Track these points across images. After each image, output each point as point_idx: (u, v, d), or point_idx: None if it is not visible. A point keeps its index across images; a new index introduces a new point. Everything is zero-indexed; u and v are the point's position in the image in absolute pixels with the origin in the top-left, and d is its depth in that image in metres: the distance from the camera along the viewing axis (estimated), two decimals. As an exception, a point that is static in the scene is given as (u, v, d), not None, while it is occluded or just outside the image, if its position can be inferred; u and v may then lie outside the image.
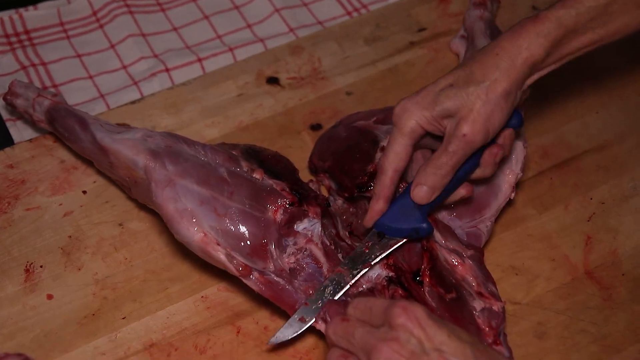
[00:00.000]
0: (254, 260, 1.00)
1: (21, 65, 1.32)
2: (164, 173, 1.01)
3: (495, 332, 0.99)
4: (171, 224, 1.00)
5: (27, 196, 1.17)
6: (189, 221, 0.99)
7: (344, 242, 1.08)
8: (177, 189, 1.00)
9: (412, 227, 1.01)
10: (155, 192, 1.01)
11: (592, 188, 1.21)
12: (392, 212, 1.02)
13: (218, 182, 1.02)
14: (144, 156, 1.02)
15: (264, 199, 1.03)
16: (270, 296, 1.01)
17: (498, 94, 0.96)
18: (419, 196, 0.99)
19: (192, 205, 1.00)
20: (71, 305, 1.08)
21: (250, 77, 1.32)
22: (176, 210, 0.99)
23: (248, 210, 1.01)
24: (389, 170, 1.00)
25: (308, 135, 1.26)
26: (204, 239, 0.99)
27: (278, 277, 1.01)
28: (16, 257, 1.11)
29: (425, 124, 0.99)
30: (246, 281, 1.00)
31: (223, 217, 1.00)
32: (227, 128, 1.26)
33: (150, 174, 1.02)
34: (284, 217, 1.02)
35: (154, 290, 1.09)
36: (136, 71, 1.34)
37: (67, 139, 1.15)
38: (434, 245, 1.04)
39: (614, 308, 1.09)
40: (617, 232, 1.16)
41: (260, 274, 1.00)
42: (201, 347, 1.05)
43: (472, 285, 1.02)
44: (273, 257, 1.01)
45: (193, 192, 1.00)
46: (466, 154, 0.98)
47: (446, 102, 0.97)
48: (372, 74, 1.34)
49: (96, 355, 1.03)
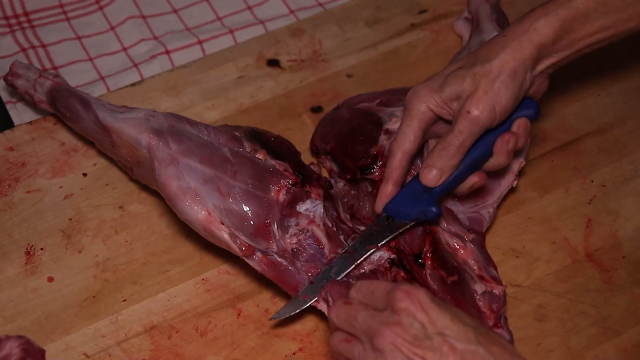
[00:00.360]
0: (257, 241, 1.00)
1: (21, 47, 1.32)
2: (167, 151, 1.01)
3: (496, 315, 0.99)
4: (174, 202, 1.00)
5: (27, 179, 1.17)
6: (193, 199, 0.99)
7: (345, 225, 1.08)
8: (180, 168, 1.00)
9: (420, 210, 1.00)
10: (159, 170, 1.00)
11: (592, 171, 1.21)
12: (402, 196, 1.02)
13: (221, 161, 1.02)
14: (147, 134, 1.02)
15: (267, 179, 1.03)
16: (273, 277, 1.01)
17: (504, 72, 0.96)
18: (428, 178, 0.99)
19: (196, 184, 0.99)
20: (72, 287, 1.08)
21: (250, 59, 1.32)
22: (179, 188, 0.99)
23: (251, 190, 1.01)
24: (398, 154, 1.00)
25: (308, 117, 1.25)
26: (207, 218, 0.99)
27: (281, 257, 1.01)
28: (17, 239, 1.11)
29: (434, 107, 0.99)
30: (249, 261, 1.00)
31: (226, 197, 1.00)
32: (227, 110, 1.26)
33: (154, 152, 1.01)
34: (286, 198, 1.02)
35: (154, 272, 1.09)
36: (136, 53, 1.34)
37: (69, 119, 1.15)
38: (436, 228, 1.04)
39: (614, 290, 1.09)
40: (617, 215, 1.16)
41: (263, 254, 1.00)
42: (202, 329, 1.05)
43: (474, 269, 1.02)
44: (276, 238, 1.01)
45: (196, 171, 1.00)
46: (473, 133, 0.97)
47: (453, 84, 0.97)
48: (373, 56, 1.33)
49: (97, 337, 1.04)
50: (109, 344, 1.03)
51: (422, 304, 0.79)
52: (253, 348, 1.03)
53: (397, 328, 0.78)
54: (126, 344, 1.03)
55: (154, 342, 1.04)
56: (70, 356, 1.02)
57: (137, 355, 1.02)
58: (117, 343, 1.03)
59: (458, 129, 0.97)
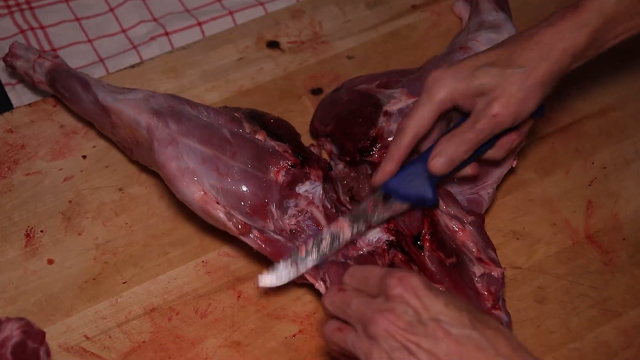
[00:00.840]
0: (253, 219, 1.00)
1: (19, 29, 1.31)
2: (166, 132, 1.01)
3: (494, 297, 0.99)
4: (172, 182, 1.00)
5: (27, 161, 1.17)
6: (190, 179, 0.99)
7: (344, 207, 1.08)
8: (179, 148, 1.00)
9: (419, 196, 1.00)
10: (158, 150, 1.00)
11: (593, 152, 1.20)
12: (402, 177, 1.01)
13: (221, 141, 1.02)
14: (147, 115, 1.02)
15: (267, 159, 1.03)
16: (270, 253, 1.01)
17: (536, 81, 0.95)
18: (436, 167, 0.98)
19: (194, 164, 0.99)
20: (72, 269, 1.08)
21: (250, 41, 1.31)
22: (178, 168, 0.99)
23: (250, 171, 1.01)
24: (408, 134, 0.99)
25: (309, 99, 1.25)
26: (203, 197, 0.99)
27: (278, 235, 1.01)
28: (16, 221, 1.11)
29: (457, 97, 0.97)
30: (245, 239, 1.00)
31: (225, 176, 1.00)
32: (227, 92, 1.25)
33: (153, 133, 1.01)
34: (285, 179, 1.02)
35: (154, 254, 1.09)
36: (135, 35, 1.33)
37: (69, 100, 1.15)
38: (435, 211, 1.03)
39: (614, 272, 1.09)
40: (618, 197, 1.16)
41: (259, 232, 1.00)
42: (202, 311, 1.05)
43: (472, 251, 1.02)
44: (274, 217, 1.01)
45: (195, 151, 1.00)
46: (491, 134, 0.97)
47: (483, 79, 0.96)
48: (374, 38, 1.33)
49: (97, 320, 1.04)
50: (109, 326, 1.03)
51: (415, 290, 0.79)
52: (253, 330, 1.04)
53: (391, 315, 0.78)
54: (126, 326, 1.03)
55: (154, 324, 1.04)
56: (70, 338, 1.02)
57: (138, 337, 1.03)
58: (118, 325, 1.03)
59: (479, 128, 0.96)
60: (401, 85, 1.13)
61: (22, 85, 1.25)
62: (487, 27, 1.15)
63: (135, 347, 1.02)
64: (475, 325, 0.77)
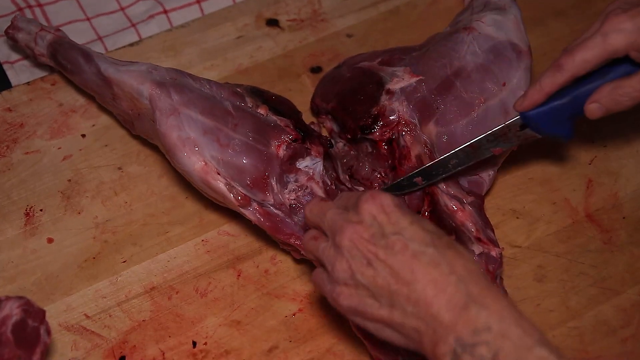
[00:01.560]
0: (253, 192, 1.00)
1: (17, 7, 1.30)
2: (168, 102, 1.00)
3: (492, 275, 0.99)
4: (173, 152, 1.00)
5: (25, 140, 1.16)
6: (191, 150, 0.99)
7: (343, 186, 1.08)
8: (181, 118, 0.99)
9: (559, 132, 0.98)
10: (160, 120, 1.00)
11: (594, 131, 1.20)
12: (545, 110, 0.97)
13: (223, 113, 1.02)
14: (150, 85, 1.02)
15: (268, 133, 1.02)
16: (268, 227, 1.00)
17: None
18: (592, 112, 0.96)
19: (195, 135, 0.99)
20: (71, 248, 1.08)
21: (249, 19, 1.30)
22: (179, 138, 0.99)
23: (251, 143, 1.01)
24: (567, 72, 0.95)
25: (308, 78, 1.25)
26: (204, 168, 0.98)
27: (277, 209, 1.01)
28: (16, 200, 1.11)
29: (634, 50, 0.92)
30: (244, 211, 1.00)
31: (225, 148, 1.00)
32: (226, 71, 1.25)
33: (155, 103, 1.01)
34: (286, 153, 1.02)
35: (154, 233, 1.09)
36: (134, 13, 1.33)
37: (70, 72, 1.14)
38: (435, 189, 1.03)
39: (613, 251, 1.10)
40: (618, 176, 1.16)
41: (259, 205, 1.00)
42: (202, 290, 1.05)
43: (471, 231, 1.02)
44: (274, 191, 1.01)
45: (197, 122, 1.00)
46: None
47: None
48: (373, 16, 1.32)
49: (97, 298, 1.04)
50: (109, 305, 1.04)
51: (384, 206, 0.81)
52: (253, 309, 1.04)
53: (358, 226, 0.80)
54: (126, 305, 1.04)
55: (154, 302, 1.04)
56: (70, 317, 1.02)
57: (138, 316, 1.03)
58: (118, 304, 1.04)
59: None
60: (404, 64, 1.12)
61: (20, 64, 1.25)
62: (492, 9, 1.14)
63: (135, 326, 1.02)
64: (435, 244, 0.78)
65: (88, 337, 1.01)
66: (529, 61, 1.09)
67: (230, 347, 1.01)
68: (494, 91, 1.07)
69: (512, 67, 1.09)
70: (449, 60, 1.10)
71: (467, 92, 1.07)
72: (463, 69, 1.08)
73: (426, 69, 1.10)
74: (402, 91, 1.09)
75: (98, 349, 1.01)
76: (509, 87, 1.07)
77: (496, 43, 1.10)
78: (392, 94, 1.09)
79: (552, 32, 1.30)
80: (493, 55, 1.09)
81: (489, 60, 1.09)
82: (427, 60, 1.11)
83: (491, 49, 1.09)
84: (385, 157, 1.08)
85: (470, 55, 1.09)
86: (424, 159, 1.05)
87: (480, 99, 1.07)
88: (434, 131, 1.07)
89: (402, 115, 1.07)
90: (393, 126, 1.07)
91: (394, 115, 1.07)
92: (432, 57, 1.11)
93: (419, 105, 1.08)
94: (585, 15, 1.32)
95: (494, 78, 1.08)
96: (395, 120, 1.07)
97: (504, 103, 1.07)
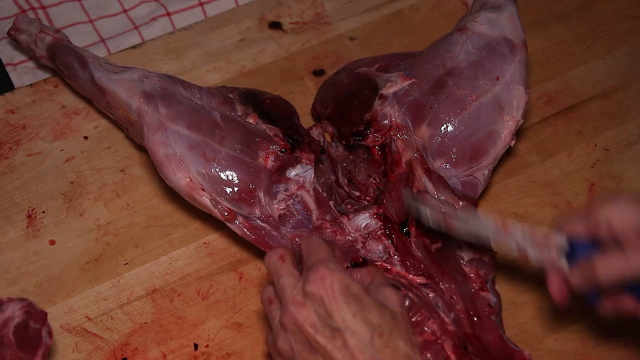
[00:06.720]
0: (239, 206, 1.00)
1: (21, 9, 1.31)
2: (156, 117, 1.01)
3: (483, 279, 0.99)
4: (160, 168, 1.00)
5: (28, 141, 1.16)
6: (177, 166, 0.99)
7: (342, 189, 1.07)
8: (167, 134, 1.00)
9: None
10: (147, 136, 1.00)
11: (596, 134, 1.20)
12: None
13: (210, 126, 1.02)
14: (137, 99, 1.02)
15: (256, 144, 1.02)
16: (254, 241, 1.00)
17: None
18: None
19: (181, 150, 0.99)
20: (74, 250, 1.08)
21: (252, 22, 1.31)
22: (165, 155, 0.99)
23: (238, 156, 1.01)
24: None
25: (311, 80, 1.25)
26: (189, 184, 0.99)
27: (264, 222, 1.01)
28: (18, 202, 1.11)
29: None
30: (231, 225, 1.00)
31: (211, 162, 1.00)
32: (229, 73, 1.25)
33: (143, 118, 1.01)
34: (274, 164, 1.02)
35: (156, 236, 1.09)
36: (137, 15, 1.33)
37: (67, 77, 1.15)
38: (425, 196, 1.02)
39: (616, 255, 1.09)
40: (620, 179, 1.16)
41: (245, 218, 1.00)
42: (204, 292, 1.05)
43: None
44: (261, 203, 1.01)
45: (183, 137, 1.00)
46: None
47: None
48: (376, 19, 1.32)
49: (99, 300, 1.04)
50: (111, 307, 1.04)
51: (330, 292, 0.79)
52: (255, 311, 1.04)
53: (302, 310, 0.79)
54: (128, 307, 1.04)
55: (155, 305, 1.04)
56: (72, 319, 1.02)
57: (139, 318, 1.03)
58: (119, 306, 1.04)
59: None
60: (399, 69, 1.12)
61: (23, 66, 1.25)
62: (487, 8, 1.13)
63: (137, 328, 1.02)
64: (374, 343, 0.77)
65: (90, 339, 1.01)
66: (524, 54, 1.08)
67: (231, 349, 1.01)
68: (487, 87, 1.06)
69: (506, 61, 1.08)
70: (442, 61, 1.09)
71: (460, 89, 1.06)
72: (456, 68, 1.08)
73: (419, 72, 1.09)
74: (395, 95, 1.08)
75: (100, 351, 1.00)
76: (502, 81, 1.06)
77: (489, 40, 1.09)
78: (385, 99, 1.08)
79: (555, 35, 1.30)
80: (486, 51, 1.08)
81: (482, 56, 1.08)
82: (421, 63, 1.10)
83: (484, 46, 1.09)
84: (379, 163, 1.07)
85: (463, 55, 1.08)
86: (414, 165, 1.04)
87: (472, 96, 1.06)
88: (427, 133, 1.06)
89: (395, 119, 1.06)
90: (385, 131, 1.06)
91: (386, 120, 1.06)
92: (425, 59, 1.11)
93: (412, 108, 1.07)
94: (588, 19, 1.32)
95: (487, 73, 1.07)
96: (387, 125, 1.06)
97: (497, 98, 1.06)
